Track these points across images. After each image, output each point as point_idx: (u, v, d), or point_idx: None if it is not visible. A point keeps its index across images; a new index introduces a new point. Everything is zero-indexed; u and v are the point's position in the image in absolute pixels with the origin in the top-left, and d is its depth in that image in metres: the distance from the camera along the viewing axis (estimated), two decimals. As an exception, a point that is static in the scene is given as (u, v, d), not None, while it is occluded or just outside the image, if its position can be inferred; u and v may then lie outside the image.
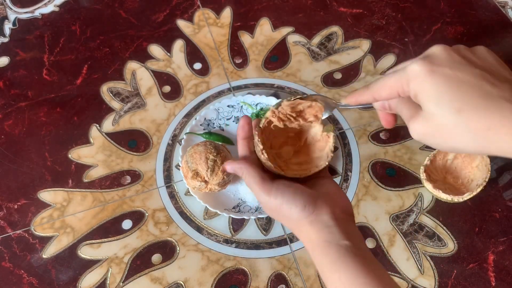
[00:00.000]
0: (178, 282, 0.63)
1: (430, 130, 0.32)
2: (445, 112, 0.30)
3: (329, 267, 0.37)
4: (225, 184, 0.65)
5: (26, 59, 0.88)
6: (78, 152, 0.75)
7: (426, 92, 0.31)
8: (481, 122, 0.29)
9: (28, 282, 0.64)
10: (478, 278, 0.62)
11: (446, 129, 0.31)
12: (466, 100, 0.29)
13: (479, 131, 0.29)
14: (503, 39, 0.89)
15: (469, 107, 0.29)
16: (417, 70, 0.31)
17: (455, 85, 0.30)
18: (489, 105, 0.29)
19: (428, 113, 0.31)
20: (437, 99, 0.30)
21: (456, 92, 0.30)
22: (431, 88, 0.31)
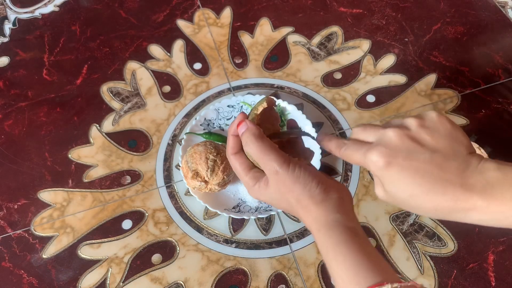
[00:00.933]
0: (178, 282, 0.63)
1: (391, 200, 0.37)
2: (400, 195, 0.35)
3: (335, 248, 0.38)
4: (225, 184, 0.65)
5: (26, 59, 0.88)
6: (78, 152, 0.75)
7: (385, 179, 0.36)
8: (429, 204, 0.34)
9: (28, 282, 0.64)
10: (478, 278, 0.62)
11: (403, 205, 0.36)
12: (417, 187, 0.34)
13: (429, 210, 0.35)
14: (503, 39, 0.89)
15: (419, 193, 0.34)
16: (376, 161, 0.36)
17: (409, 175, 0.34)
18: (436, 190, 0.34)
19: (387, 190, 0.36)
20: (393, 186, 0.35)
21: (409, 181, 0.34)
22: (388, 178, 0.35)
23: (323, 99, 0.80)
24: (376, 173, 0.36)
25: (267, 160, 0.40)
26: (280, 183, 0.41)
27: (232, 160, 0.44)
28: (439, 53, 0.87)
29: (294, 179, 0.40)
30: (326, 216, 0.39)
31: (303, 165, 0.41)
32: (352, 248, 0.37)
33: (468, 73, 0.84)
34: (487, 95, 0.81)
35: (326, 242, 0.39)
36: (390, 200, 0.37)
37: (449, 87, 0.82)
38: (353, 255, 0.37)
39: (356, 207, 0.69)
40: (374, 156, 0.36)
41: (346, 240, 0.38)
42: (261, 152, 0.41)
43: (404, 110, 0.79)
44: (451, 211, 0.34)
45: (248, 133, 0.42)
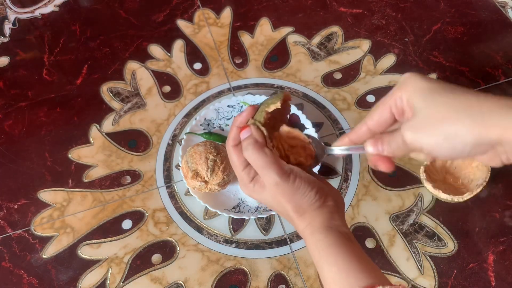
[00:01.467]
0: (178, 282, 0.63)
1: (425, 122, 0.32)
2: (441, 96, 0.32)
3: (328, 250, 0.38)
4: (225, 184, 0.65)
5: (26, 59, 0.88)
6: (78, 152, 0.75)
7: (420, 86, 0.33)
8: (474, 102, 0.30)
9: (28, 282, 0.64)
10: (478, 278, 0.62)
11: (442, 114, 0.31)
12: (455, 89, 0.32)
13: (474, 107, 0.30)
14: (503, 39, 0.89)
15: (461, 92, 0.31)
16: (410, 74, 0.34)
17: (442, 82, 0.33)
18: (477, 93, 0.31)
19: (421, 107, 0.32)
20: (430, 88, 0.32)
21: (445, 84, 0.33)
22: (423, 82, 0.33)
23: (323, 99, 0.80)
24: (411, 83, 0.34)
25: (267, 172, 0.39)
26: (279, 193, 0.40)
27: (230, 152, 0.43)
28: (439, 53, 0.87)
29: (294, 190, 0.39)
30: (321, 222, 0.40)
31: (303, 174, 0.40)
32: (345, 251, 0.37)
33: (468, 73, 0.84)
34: (487, 95, 0.81)
35: (319, 245, 0.39)
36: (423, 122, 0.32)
37: (449, 87, 0.82)
38: (346, 257, 0.37)
39: (356, 207, 0.69)
40: (407, 73, 0.35)
41: (339, 243, 0.38)
42: (261, 163, 0.39)
43: (404, 110, 0.79)
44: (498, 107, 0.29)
45: (250, 140, 0.40)
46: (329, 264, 0.38)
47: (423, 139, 0.32)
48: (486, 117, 0.30)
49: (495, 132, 0.29)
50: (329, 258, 0.38)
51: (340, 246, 0.38)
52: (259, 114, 0.43)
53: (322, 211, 0.40)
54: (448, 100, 0.31)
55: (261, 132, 0.41)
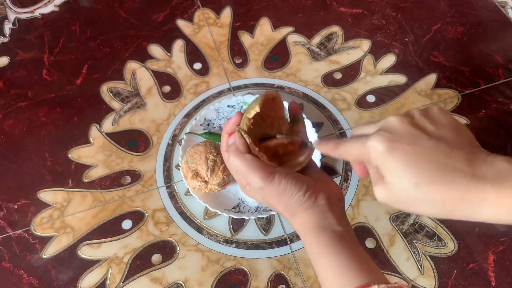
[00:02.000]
0: (178, 282, 0.63)
1: (392, 198, 0.33)
2: (404, 185, 0.32)
3: (321, 251, 0.38)
4: (225, 184, 0.65)
5: (26, 59, 0.88)
6: (78, 152, 0.75)
7: (386, 168, 0.33)
8: (437, 195, 0.31)
9: (28, 282, 0.64)
10: (478, 278, 0.62)
11: (407, 200, 0.32)
12: (423, 174, 0.31)
13: (437, 202, 0.31)
14: (503, 39, 0.89)
15: (426, 181, 0.31)
16: (377, 147, 0.33)
17: (413, 160, 0.31)
18: (444, 178, 0.30)
19: (390, 184, 0.33)
20: (397, 174, 0.32)
21: (414, 168, 0.31)
22: (391, 165, 0.32)
23: (323, 99, 0.80)
24: (377, 160, 0.33)
25: (251, 177, 0.40)
26: (267, 196, 0.41)
27: (225, 157, 0.44)
28: (439, 53, 0.87)
29: (279, 192, 0.39)
30: (313, 222, 0.39)
31: (289, 174, 0.40)
32: (338, 250, 0.37)
33: (468, 73, 0.84)
34: (487, 95, 0.81)
35: (313, 246, 0.39)
36: (391, 198, 0.33)
37: (449, 87, 0.82)
38: (340, 257, 0.37)
39: (356, 207, 0.69)
40: (375, 142, 0.33)
41: (332, 243, 0.37)
42: (243, 169, 0.40)
43: (404, 110, 0.79)
44: (461, 204, 0.30)
45: (232, 148, 0.42)
46: (323, 264, 0.37)
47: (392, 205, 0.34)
48: (451, 212, 0.31)
49: (459, 218, 0.31)
50: (323, 259, 0.37)
51: (333, 245, 0.37)
52: (242, 122, 0.43)
53: (313, 211, 0.39)
54: (415, 191, 0.31)
55: (243, 140, 0.42)
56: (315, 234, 0.39)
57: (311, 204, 0.40)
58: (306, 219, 0.40)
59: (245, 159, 0.40)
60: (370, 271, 0.36)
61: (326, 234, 0.38)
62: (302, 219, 0.40)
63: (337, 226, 0.39)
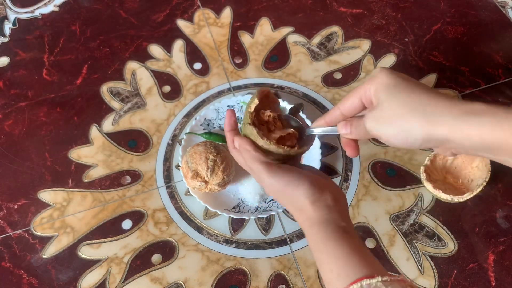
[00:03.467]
0: (178, 282, 0.63)
1: (385, 116, 0.36)
2: (400, 93, 0.35)
3: (326, 243, 0.39)
4: (225, 184, 0.65)
5: (26, 59, 0.88)
6: (78, 152, 0.75)
7: (386, 81, 0.36)
8: (429, 101, 0.34)
9: (28, 282, 0.64)
10: (478, 278, 0.62)
11: (398, 111, 0.35)
12: (417, 87, 0.36)
13: (427, 107, 0.34)
14: (503, 39, 0.89)
15: (420, 90, 0.35)
16: (380, 70, 0.37)
17: (409, 80, 0.36)
18: (436, 93, 0.35)
19: (384, 100, 0.36)
20: (394, 84, 0.36)
21: (410, 82, 0.36)
22: (390, 78, 0.36)
23: (323, 99, 0.80)
24: (381, 78, 0.37)
25: (256, 173, 0.43)
26: (272, 190, 0.43)
27: (234, 154, 0.47)
28: (439, 53, 0.87)
29: (284, 185, 0.41)
30: (319, 215, 0.40)
31: (292, 169, 0.42)
32: (342, 243, 0.38)
33: (468, 73, 0.84)
34: (487, 95, 0.81)
35: (317, 237, 0.39)
36: (382, 114, 0.36)
37: (449, 87, 0.82)
38: (344, 248, 0.38)
39: (356, 207, 0.69)
40: (377, 69, 0.38)
41: (337, 236, 0.39)
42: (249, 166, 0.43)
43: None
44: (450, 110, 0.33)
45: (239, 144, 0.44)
46: (328, 255, 0.38)
47: (381, 129, 0.37)
48: (437, 117, 0.34)
49: (442, 131, 0.33)
50: (327, 249, 0.38)
51: (338, 238, 0.38)
52: (245, 118, 0.45)
53: (319, 205, 0.41)
54: (407, 98, 0.35)
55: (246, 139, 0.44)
56: (321, 227, 0.40)
57: (318, 197, 0.41)
58: (312, 212, 0.40)
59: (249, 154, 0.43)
60: (372, 264, 0.37)
61: (332, 227, 0.39)
62: (308, 212, 0.41)
63: (342, 221, 0.40)
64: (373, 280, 0.34)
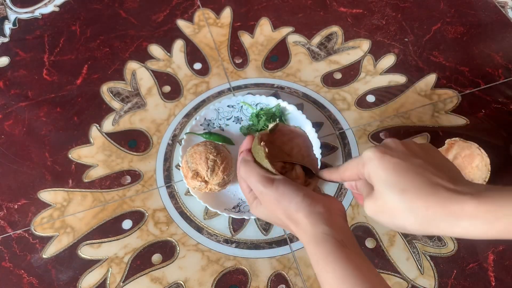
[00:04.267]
0: (178, 282, 0.63)
1: (379, 208, 0.36)
2: (391, 191, 0.35)
3: (324, 260, 0.38)
4: (225, 184, 0.65)
5: (26, 59, 0.88)
6: (78, 152, 0.75)
7: (376, 174, 0.36)
8: (421, 201, 0.33)
9: (28, 282, 0.64)
10: (478, 278, 0.63)
11: (392, 208, 0.35)
12: (409, 183, 0.34)
13: (420, 209, 0.33)
14: (503, 39, 0.89)
15: (411, 189, 0.34)
16: (370, 155, 0.37)
17: (401, 170, 0.35)
18: (428, 189, 0.34)
19: (378, 192, 0.36)
20: (385, 180, 0.35)
21: (401, 176, 0.35)
22: (380, 171, 0.36)
23: (323, 99, 0.80)
24: (370, 169, 0.37)
25: (253, 183, 0.43)
26: (267, 201, 0.43)
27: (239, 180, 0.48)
28: (439, 53, 0.87)
29: (279, 196, 0.41)
30: (313, 229, 0.40)
31: (288, 182, 0.42)
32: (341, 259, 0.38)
33: (468, 73, 0.84)
34: (487, 95, 0.81)
35: (316, 254, 0.39)
36: (378, 209, 0.36)
37: (449, 87, 0.82)
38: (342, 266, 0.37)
39: (356, 207, 0.69)
40: (369, 151, 0.37)
41: (334, 251, 0.38)
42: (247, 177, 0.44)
43: (404, 110, 0.79)
44: (442, 212, 0.33)
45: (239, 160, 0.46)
46: (327, 272, 0.38)
47: (378, 219, 0.37)
48: (429, 221, 0.33)
49: (436, 231, 0.34)
50: (327, 267, 0.38)
51: (335, 254, 0.38)
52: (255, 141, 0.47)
53: (313, 217, 0.40)
54: (400, 196, 0.34)
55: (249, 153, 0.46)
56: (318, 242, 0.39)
57: (310, 210, 0.41)
58: (307, 226, 0.40)
59: (248, 165, 0.44)
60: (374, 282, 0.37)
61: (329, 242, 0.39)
62: (303, 225, 0.41)
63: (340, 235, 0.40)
64: None
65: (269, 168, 0.43)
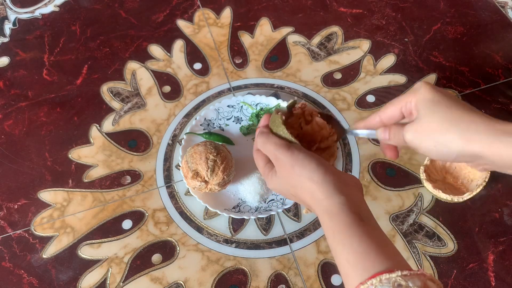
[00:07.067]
0: (178, 282, 0.63)
1: (423, 130, 0.39)
2: (438, 108, 0.38)
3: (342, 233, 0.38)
4: (225, 184, 0.65)
5: (26, 59, 0.88)
6: (78, 152, 0.75)
7: (426, 95, 0.39)
8: (466, 116, 0.36)
9: (28, 282, 0.64)
10: (478, 278, 0.63)
11: (436, 124, 0.38)
12: (455, 103, 0.38)
13: (463, 122, 0.36)
14: (503, 39, 0.89)
15: (457, 106, 0.38)
16: (423, 84, 0.40)
17: (449, 96, 0.39)
18: (473, 110, 0.37)
19: (423, 114, 0.39)
20: (433, 99, 0.39)
21: (449, 98, 0.39)
22: (431, 93, 0.39)
23: (323, 99, 0.80)
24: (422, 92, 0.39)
25: (269, 150, 0.44)
26: (282, 167, 0.43)
27: (254, 155, 0.49)
28: (439, 53, 0.87)
29: (293, 161, 0.42)
30: (328, 199, 0.39)
31: (303, 150, 0.43)
32: (359, 234, 0.37)
33: (468, 73, 0.84)
34: (487, 95, 0.81)
35: (332, 227, 0.38)
36: (422, 128, 0.38)
37: (449, 87, 0.82)
38: (361, 240, 0.36)
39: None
40: (421, 83, 0.40)
41: (352, 225, 0.37)
42: (263, 145, 0.45)
43: (404, 110, 0.79)
44: (484, 130, 0.35)
45: (257, 132, 0.48)
46: (344, 246, 0.37)
47: (419, 142, 0.39)
48: (472, 134, 0.36)
49: (476, 147, 0.36)
50: (344, 240, 0.37)
51: (353, 228, 0.37)
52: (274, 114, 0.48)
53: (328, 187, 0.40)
54: (446, 115, 0.37)
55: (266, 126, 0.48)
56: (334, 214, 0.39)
57: (324, 179, 0.40)
58: (321, 194, 0.40)
59: (266, 135, 0.46)
60: (391, 256, 0.36)
61: (345, 215, 0.38)
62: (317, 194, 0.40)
63: (357, 207, 0.39)
64: (393, 274, 0.33)
65: (286, 135, 0.44)
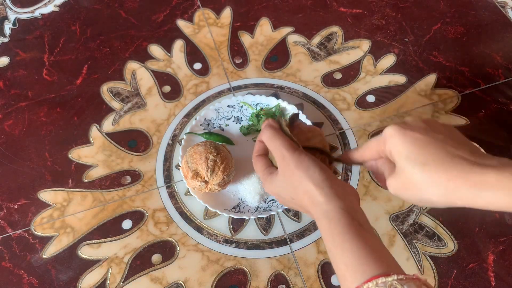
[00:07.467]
0: (178, 282, 0.63)
1: (402, 184, 0.37)
2: (413, 166, 0.35)
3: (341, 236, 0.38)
4: (225, 184, 0.65)
5: (26, 59, 0.88)
6: (78, 152, 0.75)
7: (398, 150, 0.37)
8: (442, 174, 0.34)
9: (28, 282, 0.64)
10: (478, 278, 0.63)
11: (414, 183, 0.36)
12: (430, 157, 0.35)
13: (441, 181, 0.34)
14: (503, 39, 0.89)
15: (433, 162, 0.35)
16: (391, 132, 0.38)
17: (422, 145, 0.36)
18: (449, 161, 0.34)
19: (400, 168, 0.37)
20: (406, 155, 0.36)
21: (422, 151, 0.35)
22: (402, 147, 0.36)
23: (323, 99, 0.80)
24: (391, 145, 0.37)
25: (276, 146, 0.45)
26: (286, 167, 0.44)
27: (254, 160, 0.50)
28: (439, 53, 0.87)
29: (298, 163, 0.42)
30: (328, 202, 0.40)
31: (308, 154, 0.44)
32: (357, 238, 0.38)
33: (468, 73, 0.84)
34: (487, 95, 0.81)
35: (331, 230, 0.39)
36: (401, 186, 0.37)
37: (449, 87, 0.82)
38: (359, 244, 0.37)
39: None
40: (390, 128, 0.38)
41: (350, 229, 0.38)
42: (271, 139, 0.45)
43: (404, 110, 0.79)
44: (464, 184, 0.33)
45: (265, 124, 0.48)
46: (343, 250, 0.38)
47: (401, 195, 0.38)
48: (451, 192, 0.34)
49: (459, 203, 0.34)
50: (343, 244, 0.38)
51: (353, 232, 0.38)
52: None
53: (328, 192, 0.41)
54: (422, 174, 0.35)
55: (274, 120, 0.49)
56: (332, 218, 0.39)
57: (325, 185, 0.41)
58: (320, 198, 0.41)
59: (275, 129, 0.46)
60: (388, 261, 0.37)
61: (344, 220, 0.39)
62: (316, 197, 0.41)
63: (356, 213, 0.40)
64: (389, 278, 0.34)
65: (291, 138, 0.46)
